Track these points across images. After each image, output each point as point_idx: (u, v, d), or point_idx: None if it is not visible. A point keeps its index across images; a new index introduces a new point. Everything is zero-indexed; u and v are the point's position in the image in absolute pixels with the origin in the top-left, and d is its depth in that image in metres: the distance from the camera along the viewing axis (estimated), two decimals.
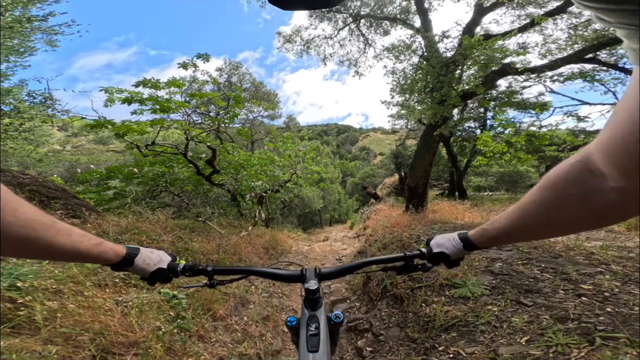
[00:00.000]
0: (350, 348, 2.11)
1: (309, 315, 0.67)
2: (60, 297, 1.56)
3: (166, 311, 1.90)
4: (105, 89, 4.71)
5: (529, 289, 1.77)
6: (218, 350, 1.79)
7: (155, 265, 0.65)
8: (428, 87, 6.06)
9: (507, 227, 0.50)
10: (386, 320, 2.03)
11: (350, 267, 0.75)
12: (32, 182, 4.63)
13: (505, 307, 1.63)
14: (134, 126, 5.02)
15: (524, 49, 5.38)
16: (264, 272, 0.74)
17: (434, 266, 0.72)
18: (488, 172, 14.73)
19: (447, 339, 1.55)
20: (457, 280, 2.01)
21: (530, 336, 1.35)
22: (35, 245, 0.43)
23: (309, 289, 0.67)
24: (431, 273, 2.14)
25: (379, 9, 7.76)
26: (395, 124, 14.86)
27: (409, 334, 1.77)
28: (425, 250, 0.72)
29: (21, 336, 1.18)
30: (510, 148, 7.61)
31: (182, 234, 4.05)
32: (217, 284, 0.72)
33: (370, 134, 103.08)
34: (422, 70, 5.98)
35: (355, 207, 22.53)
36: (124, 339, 1.43)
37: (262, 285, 3.11)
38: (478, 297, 1.79)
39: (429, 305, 1.89)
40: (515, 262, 2.20)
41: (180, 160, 6.31)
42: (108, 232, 3.31)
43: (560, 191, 0.39)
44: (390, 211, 7.58)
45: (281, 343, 2.14)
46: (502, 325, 1.49)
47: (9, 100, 5.03)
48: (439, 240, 0.70)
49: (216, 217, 6.02)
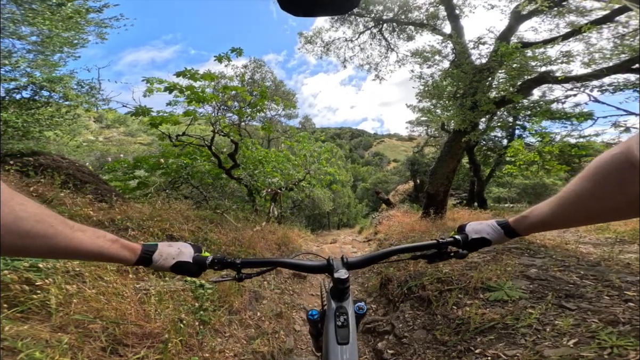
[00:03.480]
0: (368, 350, 1.97)
1: (336, 306, 0.63)
2: (80, 281, 1.48)
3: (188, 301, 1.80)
4: (147, 79, 4.95)
5: (570, 293, 1.70)
6: (233, 346, 1.66)
7: (174, 259, 0.60)
8: (458, 93, 5.81)
9: (547, 214, 0.51)
10: (410, 323, 1.89)
11: (379, 255, 0.70)
12: (69, 166, 4.76)
13: (547, 311, 1.53)
14: (168, 117, 5.24)
15: (568, 57, 5.03)
16: (291, 263, 0.69)
17: (469, 253, 0.66)
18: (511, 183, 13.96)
19: (483, 342, 1.44)
20: (492, 284, 1.88)
21: (579, 339, 1.27)
22: (53, 241, 0.40)
23: (339, 278, 0.62)
24: (462, 276, 2.04)
25: (403, 14, 7.47)
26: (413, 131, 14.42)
27: (438, 336, 1.65)
28: (459, 237, 0.66)
29: (31, 322, 1.08)
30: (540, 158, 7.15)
31: (202, 225, 4.00)
32: (245, 277, 0.67)
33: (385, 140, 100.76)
34: (453, 75, 5.74)
35: (364, 212, 22.14)
36: (139, 330, 1.32)
37: (274, 282, 2.98)
38: (516, 300, 1.70)
39: (461, 308, 1.77)
40: (551, 268, 2.10)
41: (203, 153, 6.39)
42: (132, 218, 3.30)
43: (600, 180, 0.39)
44: (403, 217, 7.31)
45: (294, 342, 2.00)
46: (545, 328, 1.40)
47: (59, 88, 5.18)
48: (476, 226, 0.67)
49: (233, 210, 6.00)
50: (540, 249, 2.78)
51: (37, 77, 4.97)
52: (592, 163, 0.40)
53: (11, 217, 0.35)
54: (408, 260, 2.90)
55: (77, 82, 5.55)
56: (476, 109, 5.16)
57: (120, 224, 3.06)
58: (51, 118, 5.62)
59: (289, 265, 0.69)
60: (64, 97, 5.33)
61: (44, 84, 4.99)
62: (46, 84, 4.99)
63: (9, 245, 0.36)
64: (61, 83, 5.15)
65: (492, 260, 2.36)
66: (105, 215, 3.18)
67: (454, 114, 5.65)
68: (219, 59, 5.41)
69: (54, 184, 3.49)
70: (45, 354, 0.92)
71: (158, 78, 5.04)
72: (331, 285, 0.66)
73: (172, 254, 0.60)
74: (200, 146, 6.21)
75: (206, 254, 0.64)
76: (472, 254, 2.62)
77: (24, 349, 0.89)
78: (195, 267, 0.61)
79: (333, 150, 14.76)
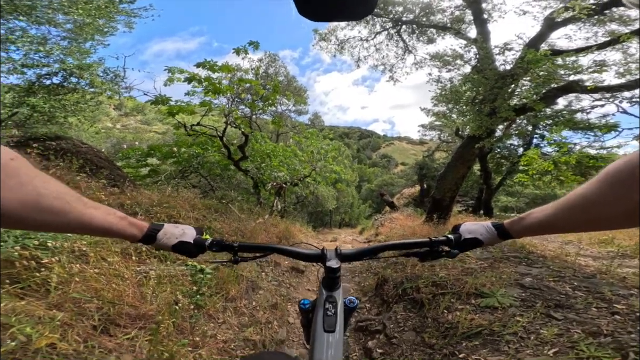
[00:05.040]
0: (358, 348, 1.97)
1: (326, 295, 0.63)
2: (84, 261, 1.52)
3: (185, 285, 1.83)
4: (169, 69, 5.10)
5: (560, 304, 1.66)
6: (224, 332, 1.68)
7: (177, 238, 0.61)
8: (477, 99, 5.67)
9: (547, 217, 0.50)
10: (402, 324, 1.88)
11: (371, 249, 0.70)
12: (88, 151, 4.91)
13: (534, 320, 1.53)
14: (185, 107, 5.40)
15: (601, 67, 4.81)
16: (286, 250, 0.70)
17: (460, 253, 0.65)
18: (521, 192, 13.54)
19: (468, 347, 1.45)
20: (485, 290, 1.86)
21: (559, 348, 1.28)
22: (69, 217, 0.41)
23: (330, 267, 0.62)
24: (457, 281, 2.02)
25: (425, 17, 7.20)
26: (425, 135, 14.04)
27: (426, 339, 1.64)
28: (452, 237, 0.65)
29: (29, 298, 1.11)
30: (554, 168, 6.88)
31: (207, 213, 4.06)
32: (241, 261, 0.67)
33: (394, 142, 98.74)
34: (474, 81, 5.60)
35: (367, 213, 21.94)
36: (133, 311, 1.35)
37: (272, 274, 3.00)
38: (506, 307, 1.68)
39: (451, 312, 1.75)
40: (546, 278, 2.08)
41: (214, 144, 6.50)
42: (141, 204, 3.37)
43: (611, 184, 0.39)
44: (406, 221, 7.21)
45: (286, 333, 2.01)
46: (529, 337, 1.41)
47: (87, 75, 5.30)
48: (470, 227, 0.65)
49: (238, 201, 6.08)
50: (539, 258, 2.74)
51: (69, 64, 5.11)
52: (607, 167, 0.40)
53: (34, 194, 0.37)
54: (406, 262, 2.88)
55: (103, 70, 5.66)
56: (494, 115, 5.04)
57: (130, 209, 3.14)
58: (76, 104, 5.79)
59: (284, 252, 0.69)
60: (91, 83, 5.45)
61: (74, 71, 5.13)
62: (76, 70, 5.13)
63: (31, 221, 0.38)
64: (89, 70, 5.28)
65: (489, 267, 2.33)
66: (116, 200, 3.27)
67: (471, 119, 5.52)
68: (237, 51, 5.54)
69: (71, 168, 3.62)
70: (35, 330, 0.94)
71: (180, 68, 5.19)
72: (323, 275, 0.66)
73: (175, 234, 0.61)
74: (213, 137, 6.31)
75: (207, 237, 0.66)
76: (469, 260, 2.58)
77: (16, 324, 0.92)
78: (195, 248, 0.63)
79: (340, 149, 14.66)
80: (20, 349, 0.92)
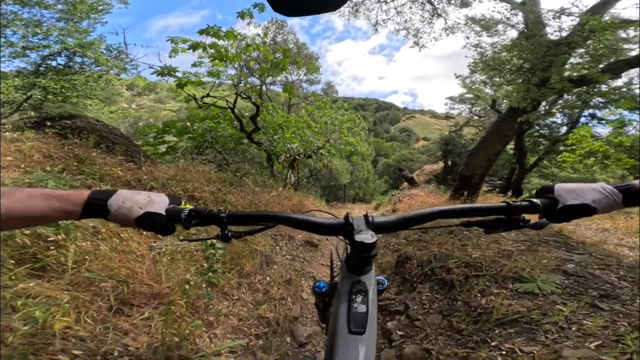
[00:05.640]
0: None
1: (352, 281, 0.45)
2: (97, 238, 1.51)
3: (199, 262, 1.82)
4: (171, 39, 4.88)
5: (606, 294, 1.54)
6: (239, 309, 1.69)
7: (141, 208, 0.45)
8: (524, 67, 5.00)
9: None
10: (427, 306, 1.78)
11: (416, 216, 0.50)
12: (103, 129, 4.96)
13: (577, 309, 1.42)
14: (193, 78, 5.24)
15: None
16: (296, 219, 0.51)
17: (550, 223, 0.49)
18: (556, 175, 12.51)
19: (502, 335, 1.36)
20: (525, 275, 1.71)
21: (603, 341, 1.19)
22: None
23: (362, 242, 0.43)
24: (493, 263, 1.87)
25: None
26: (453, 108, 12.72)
27: (454, 323, 1.54)
28: (539, 202, 0.48)
29: (42, 279, 1.09)
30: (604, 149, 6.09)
31: (222, 187, 4.07)
32: (233, 236, 0.49)
33: (416, 116, 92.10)
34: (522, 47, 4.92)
35: (382, 188, 21.47)
36: (148, 290, 1.34)
37: (286, 248, 2.99)
38: (547, 294, 1.55)
39: (486, 297, 1.63)
40: (590, 266, 1.90)
41: (227, 117, 6.37)
42: (158, 178, 3.40)
43: None
44: (427, 197, 6.90)
45: (300, 310, 2.01)
46: (570, 327, 1.31)
47: (90, 53, 5.31)
48: (571, 188, 0.48)
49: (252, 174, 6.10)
50: (579, 245, 2.52)
51: (70, 43, 5.11)
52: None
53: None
54: (430, 240, 2.68)
55: (105, 47, 5.64)
56: (543, 86, 4.48)
57: (147, 183, 3.17)
58: (86, 83, 5.87)
59: (293, 222, 0.50)
60: (95, 62, 5.46)
61: (77, 50, 5.13)
62: (78, 49, 5.13)
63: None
64: (91, 48, 5.26)
65: (528, 250, 2.15)
66: (133, 175, 3.30)
67: (515, 89, 4.90)
68: (241, 15, 5.09)
69: (88, 146, 3.66)
70: (48, 313, 0.92)
71: (182, 37, 4.94)
72: (347, 252, 0.49)
73: (139, 203, 0.45)
74: (224, 108, 6.18)
75: (187, 206, 0.49)
76: (505, 242, 2.35)
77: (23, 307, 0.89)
78: (168, 222, 0.46)
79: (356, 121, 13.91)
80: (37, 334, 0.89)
